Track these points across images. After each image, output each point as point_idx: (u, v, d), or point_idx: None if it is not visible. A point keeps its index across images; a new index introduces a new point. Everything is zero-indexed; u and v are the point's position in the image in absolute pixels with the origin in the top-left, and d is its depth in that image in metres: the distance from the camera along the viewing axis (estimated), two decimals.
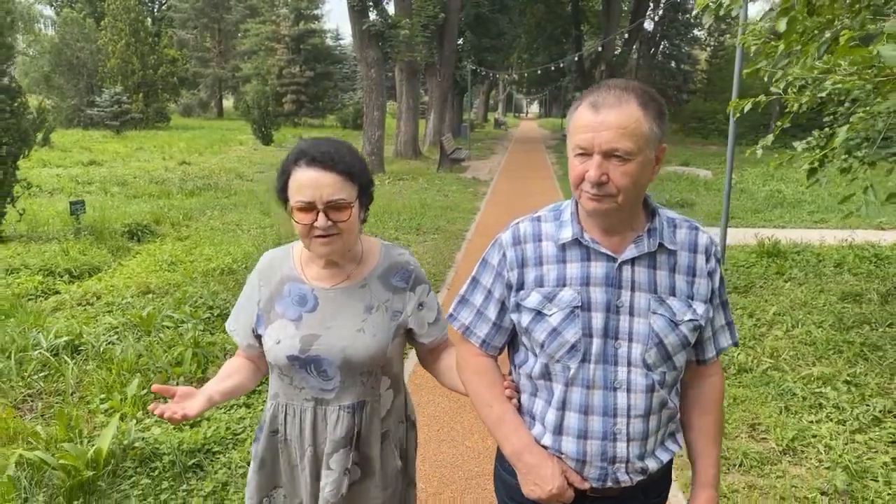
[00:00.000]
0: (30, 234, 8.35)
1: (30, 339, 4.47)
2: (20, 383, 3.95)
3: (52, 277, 6.42)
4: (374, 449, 1.73)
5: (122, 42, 35.00)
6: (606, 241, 1.45)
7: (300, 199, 1.56)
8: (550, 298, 1.45)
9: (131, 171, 16.39)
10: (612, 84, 1.38)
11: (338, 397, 1.67)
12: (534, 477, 1.46)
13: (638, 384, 1.43)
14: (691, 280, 1.47)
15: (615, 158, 1.33)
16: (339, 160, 1.58)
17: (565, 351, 1.44)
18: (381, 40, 15.99)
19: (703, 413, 1.58)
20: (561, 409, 1.47)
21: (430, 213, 10.74)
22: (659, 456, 1.51)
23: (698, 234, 1.51)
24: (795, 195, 11.93)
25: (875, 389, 4.14)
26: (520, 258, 1.51)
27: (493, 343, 1.59)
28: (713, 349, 1.56)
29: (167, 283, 6.10)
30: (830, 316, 5.39)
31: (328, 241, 1.59)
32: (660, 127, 1.37)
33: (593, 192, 1.36)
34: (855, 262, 7.06)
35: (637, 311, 1.43)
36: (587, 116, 1.35)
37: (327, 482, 1.66)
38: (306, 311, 1.67)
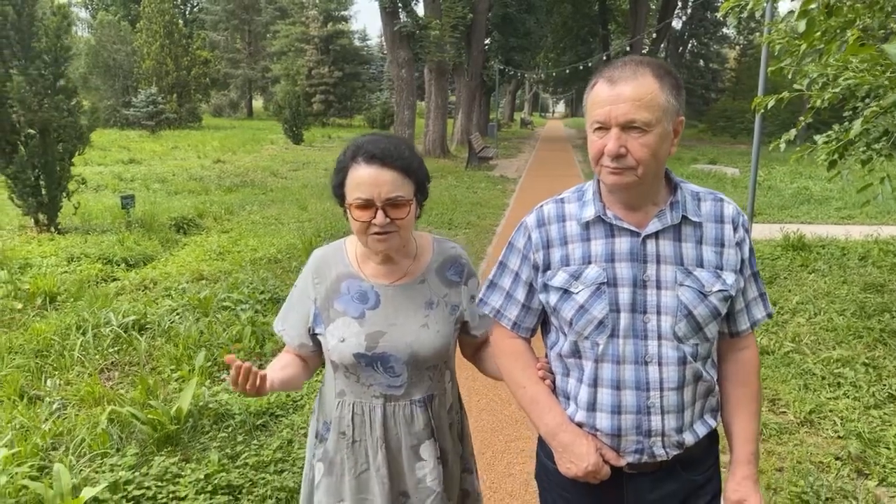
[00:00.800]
0: (84, 226, 8.84)
1: (101, 317, 4.87)
2: (97, 356, 4.35)
3: (111, 265, 6.85)
4: (447, 440, 1.76)
5: (156, 44, 35.89)
6: (629, 217, 1.46)
7: (359, 195, 1.55)
8: (576, 276, 1.47)
9: (169, 169, 16.95)
10: (626, 59, 1.40)
11: (407, 393, 1.68)
12: (569, 455, 1.48)
13: (669, 357, 1.44)
14: (719, 250, 1.47)
15: (633, 130, 1.34)
16: (397, 157, 1.57)
17: (593, 327, 1.45)
18: (412, 41, 16.35)
19: (739, 385, 1.56)
20: (593, 386, 1.48)
21: (461, 209, 11.06)
22: (696, 430, 1.50)
23: (724, 205, 1.51)
24: (823, 192, 12.01)
25: (892, 371, 4.35)
26: (545, 239, 1.53)
27: (523, 325, 1.61)
28: (746, 321, 1.55)
29: (218, 271, 6.50)
30: (852, 305, 5.59)
31: (385, 239, 1.58)
32: (676, 99, 1.38)
33: (613, 166, 1.37)
34: (879, 256, 7.22)
35: (664, 284, 1.43)
36: (604, 91, 1.37)
37: (425, 473, 1.68)
38: (369, 309, 1.66)
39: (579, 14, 37.92)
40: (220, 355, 4.32)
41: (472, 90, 24.44)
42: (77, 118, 8.44)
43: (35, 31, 7.94)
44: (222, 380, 4.08)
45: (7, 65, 7.92)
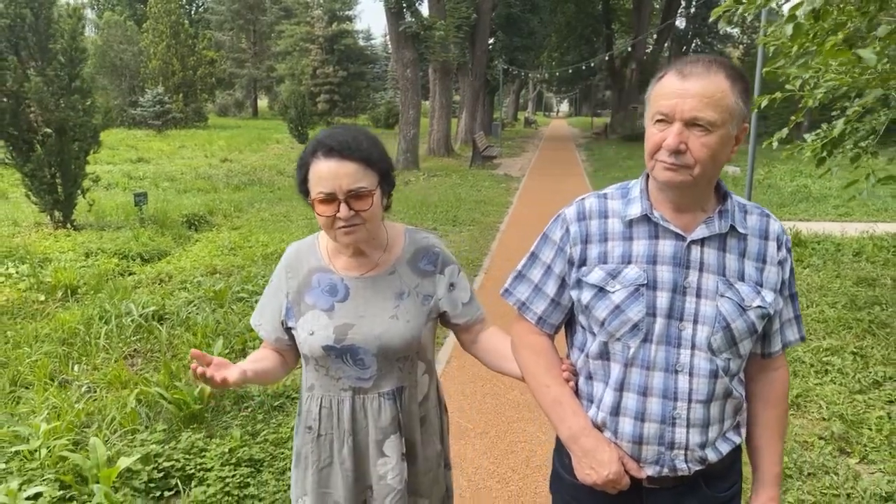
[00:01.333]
0: (98, 223, 9.09)
1: (122, 308, 5.10)
2: (121, 344, 4.57)
3: (127, 260, 7.09)
4: (415, 434, 1.75)
5: (162, 44, 36.18)
6: (676, 219, 1.42)
7: (320, 190, 1.55)
8: (614, 275, 1.43)
9: (177, 168, 17.20)
10: (701, 56, 1.36)
11: (376, 385, 1.68)
12: (590, 461, 1.44)
13: (701, 368, 1.40)
14: (761, 267, 1.43)
15: (697, 128, 1.30)
16: (356, 148, 1.57)
17: (627, 329, 1.41)
18: (417, 41, 16.56)
19: (768, 407, 1.53)
20: (619, 390, 1.44)
21: (465, 207, 11.27)
22: (719, 447, 1.46)
23: (770, 221, 1.47)
24: (822, 190, 12.19)
25: (879, 359, 4.54)
26: (584, 233, 1.49)
27: (549, 321, 1.57)
28: (779, 342, 1.52)
29: (230, 265, 6.73)
30: (844, 297, 5.79)
31: (352, 230, 1.58)
32: (745, 104, 1.34)
33: (669, 162, 1.33)
34: (873, 252, 7.41)
35: (704, 293, 1.39)
36: (673, 83, 1.32)
37: (387, 469, 1.68)
38: (338, 301, 1.67)
39: (583, 13, 38.04)
40: (237, 343, 4.54)
41: (476, 90, 24.66)
42: (92, 117, 8.69)
43: (52, 33, 8.18)
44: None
45: (24, 66, 8.17)
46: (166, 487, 2.91)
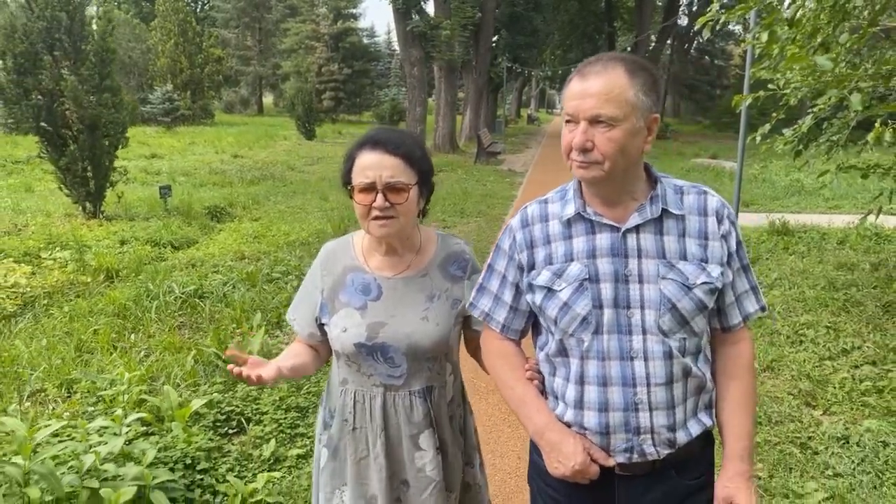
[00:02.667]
0: (125, 214, 9.61)
1: (164, 288, 5.62)
2: (168, 317, 5.10)
3: (159, 247, 7.61)
4: (446, 432, 1.81)
5: (171, 42, 36.66)
6: (609, 213, 1.48)
7: (361, 179, 1.64)
8: (559, 274, 1.48)
9: (191, 164, 17.70)
10: (602, 55, 1.42)
11: (407, 383, 1.74)
12: (556, 454, 1.48)
13: (655, 352, 1.43)
14: (704, 243, 1.46)
15: (600, 125, 1.36)
16: (400, 144, 1.66)
17: (577, 324, 1.46)
18: (424, 40, 17.06)
19: (731, 378, 1.54)
20: (579, 384, 1.49)
21: (472, 200, 11.78)
22: (689, 428, 1.49)
23: (707, 197, 1.51)
24: (814, 185, 12.67)
25: (850, 332, 5.04)
26: (528, 239, 1.55)
27: (512, 327, 1.63)
28: (738, 315, 1.54)
29: (257, 251, 7.25)
30: (823, 280, 6.29)
31: (385, 223, 1.64)
32: (648, 96, 1.38)
33: (580, 160, 1.40)
34: (856, 240, 7.90)
35: (646, 278, 1.44)
36: (576, 85, 1.39)
37: (424, 462, 1.74)
38: (371, 300, 1.73)
39: (585, 11, 38.46)
40: (273, 316, 5.06)
41: (480, 87, 25.10)
42: (121, 114, 9.21)
43: (85, 34, 8.69)
44: (275, 336, 4.83)
45: (59, 65, 8.68)
46: (229, 427, 3.44)
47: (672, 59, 43.84)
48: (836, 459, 3.30)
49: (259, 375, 1.57)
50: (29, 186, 12.72)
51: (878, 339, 4.84)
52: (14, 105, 8.63)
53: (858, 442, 3.45)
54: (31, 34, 8.45)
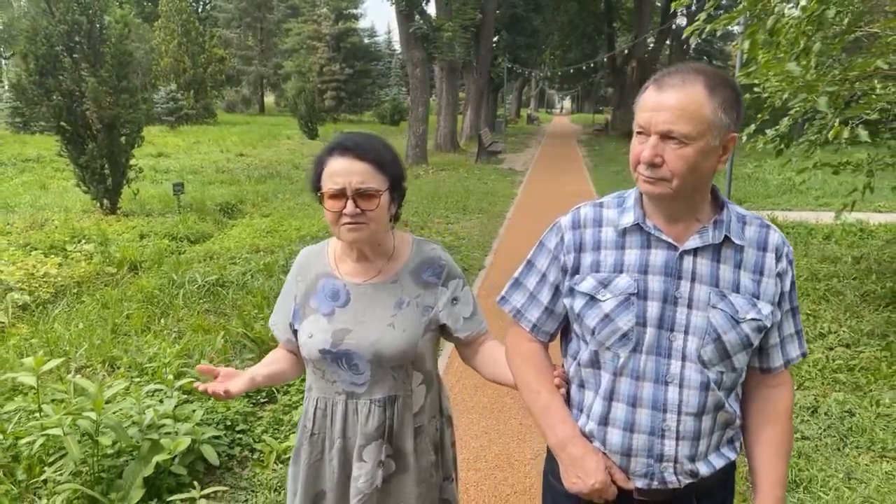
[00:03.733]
0: (140, 210, 9.98)
1: (187, 277, 6.00)
2: (193, 303, 5.48)
3: (176, 241, 7.99)
4: (407, 443, 1.77)
5: (174, 42, 37.04)
6: (669, 229, 1.42)
7: (331, 186, 1.62)
8: (605, 284, 1.43)
9: (197, 162, 18.07)
10: (683, 66, 1.36)
11: (369, 391, 1.72)
12: (576, 469, 1.44)
13: (692, 380, 1.39)
14: (758, 279, 1.42)
15: (671, 141, 1.31)
16: (369, 150, 1.65)
17: (616, 339, 1.41)
18: (426, 42, 17.43)
19: (768, 424, 1.49)
20: (608, 400, 1.44)
21: (474, 197, 12.16)
22: (712, 461, 1.45)
23: (769, 232, 1.46)
24: (805, 184, 13.05)
25: (828, 319, 5.42)
26: (578, 242, 1.50)
27: (543, 328, 1.58)
28: (780, 358, 1.48)
29: (271, 245, 7.63)
30: (807, 272, 6.67)
31: (355, 228, 1.63)
32: (728, 115, 1.33)
33: (647, 175, 1.35)
34: (841, 236, 8.29)
35: (696, 304, 1.38)
36: (651, 96, 1.34)
37: (360, 473, 1.72)
38: (339, 306, 1.72)
39: (585, 12, 38.77)
40: None
41: (481, 87, 25.49)
42: (138, 113, 9.58)
43: (104, 37, 9.06)
44: None
45: (78, 67, 9.05)
46: (261, 396, 3.82)
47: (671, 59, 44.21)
48: (805, 426, 3.68)
49: (226, 389, 1.58)
50: (43, 184, 13.10)
51: (853, 325, 5.22)
52: (35, 105, 9.00)
53: (826, 412, 3.83)
54: (52, 37, 8.83)
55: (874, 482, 3.13)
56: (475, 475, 3.31)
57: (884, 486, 3.10)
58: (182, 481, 2.88)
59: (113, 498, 2.71)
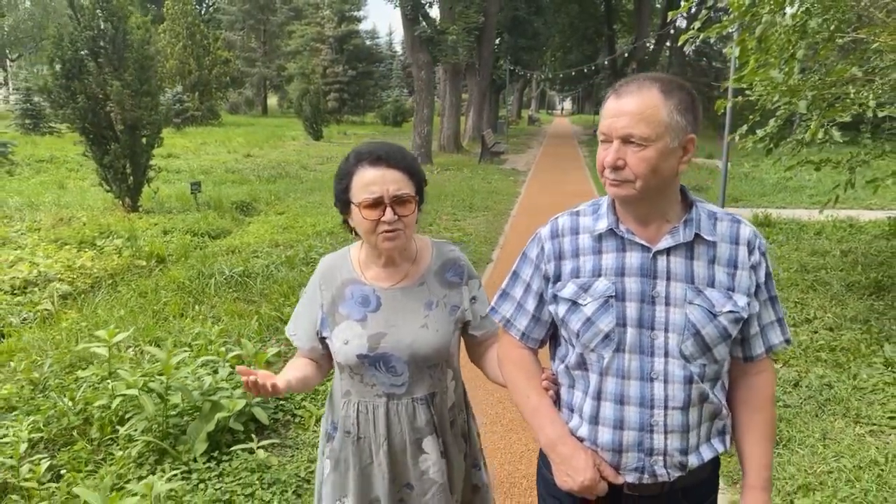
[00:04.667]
0: (159, 208, 10.39)
1: (214, 269, 6.40)
2: (225, 292, 5.88)
3: (198, 237, 8.40)
4: (448, 436, 1.85)
5: (179, 45, 37.50)
6: (641, 232, 1.48)
7: (367, 196, 1.64)
8: (585, 288, 1.49)
9: (206, 163, 18.47)
10: (640, 75, 1.43)
11: (409, 391, 1.77)
12: (566, 467, 1.50)
13: (675, 375, 1.44)
14: (732, 272, 1.47)
15: (632, 144, 1.37)
16: (401, 158, 1.71)
17: (599, 340, 1.47)
18: (430, 45, 17.86)
19: (752, 411, 1.56)
20: (596, 399, 1.50)
21: (479, 196, 12.57)
22: (702, 453, 1.51)
23: (740, 227, 1.51)
24: (801, 182, 13.47)
25: (815, 306, 5.82)
26: (557, 250, 1.56)
27: (532, 335, 1.64)
28: (761, 346, 1.54)
29: (289, 240, 8.04)
30: (797, 264, 7.08)
31: (394, 236, 1.67)
32: (684, 117, 1.39)
33: (612, 178, 1.41)
34: (831, 231, 8.70)
35: (673, 301, 1.44)
36: (611, 104, 1.41)
37: (428, 465, 1.79)
38: (370, 311, 1.76)
39: (585, 14, 39.16)
40: None
41: (483, 89, 25.93)
42: (157, 115, 10.00)
43: (128, 43, 9.47)
44: None
45: (102, 71, 9.46)
46: None
47: (671, 61, 44.56)
48: (788, 396, 4.09)
49: (274, 384, 1.63)
50: (62, 184, 13.51)
51: (837, 311, 5.62)
52: (60, 108, 9.41)
53: (808, 385, 4.23)
54: (77, 42, 9.23)
55: (846, 441, 3.53)
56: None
57: (854, 444, 3.50)
58: (238, 437, 3.29)
59: (181, 450, 3.11)
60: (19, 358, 4.34)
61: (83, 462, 3.10)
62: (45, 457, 3.08)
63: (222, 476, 3.05)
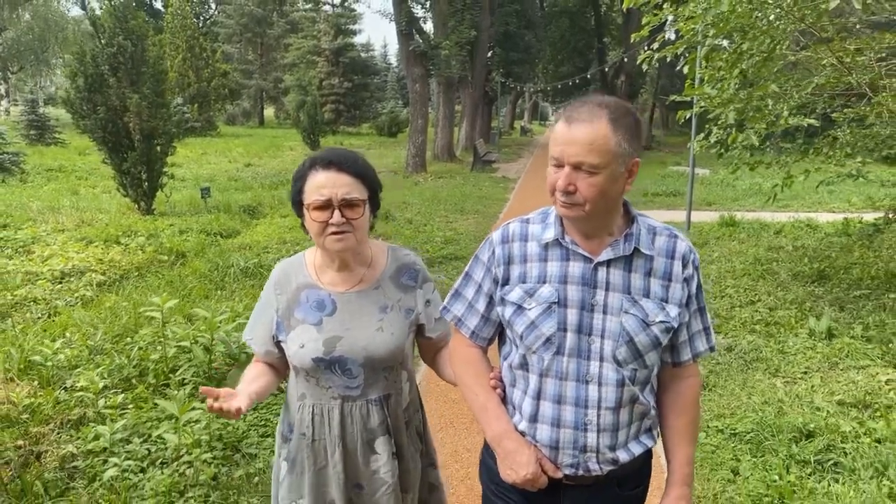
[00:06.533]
0: (171, 211, 11.16)
1: (231, 262, 7.18)
2: (243, 280, 6.66)
3: (211, 236, 9.18)
4: (402, 436, 1.90)
5: (179, 57, 38.36)
6: (585, 244, 1.55)
7: (317, 198, 1.69)
8: (531, 293, 1.57)
9: (209, 171, 19.29)
10: (588, 100, 1.49)
11: (364, 393, 1.81)
12: (510, 462, 1.58)
13: (609, 378, 1.53)
14: (667, 284, 1.55)
15: (582, 171, 1.44)
16: (352, 163, 1.75)
17: (541, 343, 1.55)
18: (425, 59, 18.75)
19: (678, 414, 1.66)
20: (536, 399, 1.59)
21: (470, 201, 13.39)
22: (631, 449, 1.60)
23: (677, 242, 1.59)
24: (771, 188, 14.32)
25: (762, 292, 6.63)
26: (507, 255, 1.63)
27: (481, 334, 1.72)
28: (689, 353, 1.64)
29: (296, 238, 8.83)
30: (752, 258, 7.90)
31: (341, 238, 1.71)
32: (630, 144, 1.47)
33: (563, 200, 1.49)
34: (790, 230, 9.54)
35: (610, 310, 1.52)
36: (562, 130, 1.47)
37: (379, 465, 1.83)
38: (326, 315, 1.79)
39: (576, 28, 40.10)
40: None
41: (476, 101, 26.83)
42: (170, 124, 10.80)
43: (146, 59, 10.28)
44: None
45: (121, 85, 10.25)
46: None
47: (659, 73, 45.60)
48: (721, 356, 4.89)
49: (238, 408, 1.62)
50: (75, 190, 14.27)
51: (780, 295, 6.44)
52: (83, 119, 10.19)
53: (740, 349, 5.03)
54: (98, 59, 10.03)
55: (761, 387, 4.33)
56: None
57: (768, 391, 4.30)
58: None
59: None
60: (72, 331, 5.10)
61: (145, 400, 3.88)
62: (118, 391, 3.86)
63: (257, 409, 3.83)
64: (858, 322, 5.40)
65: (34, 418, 3.63)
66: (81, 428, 3.55)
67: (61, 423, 3.62)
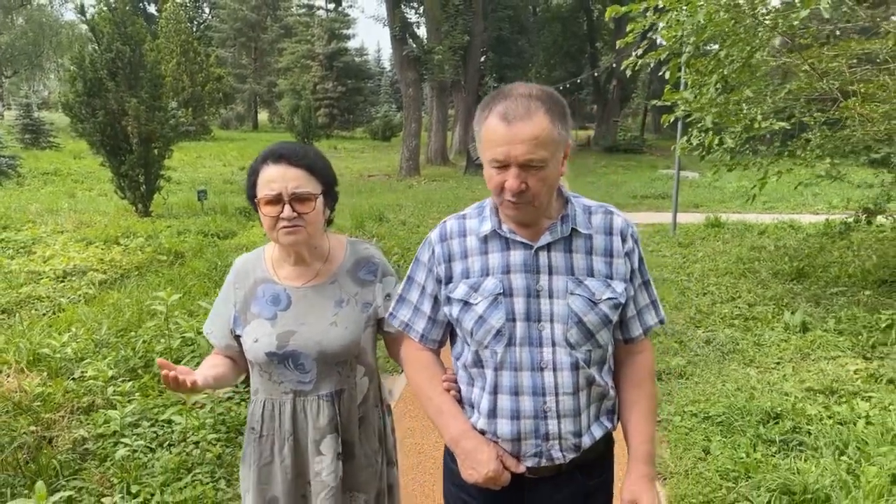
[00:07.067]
0: (168, 213, 11.35)
1: (230, 261, 7.37)
2: None
3: (208, 237, 9.38)
4: (353, 434, 1.87)
5: (173, 61, 38.49)
6: (523, 231, 1.55)
7: (267, 192, 1.69)
8: (475, 288, 1.57)
9: (204, 175, 19.46)
10: (517, 93, 1.45)
11: (316, 388, 1.80)
12: (471, 461, 1.56)
13: (563, 363, 1.53)
14: (609, 261, 1.56)
15: (532, 168, 1.43)
16: (303, 156, 1.73)
17: (492, 336, 1.54)
18: (418, 64, 19.01)
19: (633, 387, 1.65)
20: (493, 394, 1.57)
21: (462, 203, 13.62)
22: (593, 432, 1.60)
23: (613, 218, 1.60)
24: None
25: (743, 289, 6.88)
26: (447, 253, 1.62)
27: (430, 337, 1.69)
28: (639, 328, 1.64)
29: None
30: (735, 257, 8.16)
31: (293, 231, 1.70)
32: (564, 128, 1.46)
33: (514, 201, 1.46)
34: (773, 231, 9.81)
35: (556, 294, 1.53)
36: (500, 129, 1.42)
37: (322, 467, 1.81)
38: (280, 310, 1.79)
39: (568, 32, 40.43)
40: None
41: (469, 105, 27.06)
42: (167, 129, 11.00)
43: (143, 64, 10.49)
44: None
45: (119, 89, 10.45)
46: None
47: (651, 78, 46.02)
48: (698, 348, 5.13)
49: (194, 381, 1.64)
50: (71, 193, 14.43)
51: (759, 292, 6.69)
52: (82, 122, 10.37)
53: (717, 342, 5.27)
54: (97, 64, 10.23)
55: (735, 376, 4.57)
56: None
57: (741, 379, 4.53)
58: None
59: None
60: (78, 326, 5.30)
61: (152, 388, 4.08)
62: (126, 379, 4.06)
63: None
64: (832, 316, 5.65)
65: (45, 406, 3.83)
66: (92, 414, 3.76)
67: (72, 410, 3.82)
